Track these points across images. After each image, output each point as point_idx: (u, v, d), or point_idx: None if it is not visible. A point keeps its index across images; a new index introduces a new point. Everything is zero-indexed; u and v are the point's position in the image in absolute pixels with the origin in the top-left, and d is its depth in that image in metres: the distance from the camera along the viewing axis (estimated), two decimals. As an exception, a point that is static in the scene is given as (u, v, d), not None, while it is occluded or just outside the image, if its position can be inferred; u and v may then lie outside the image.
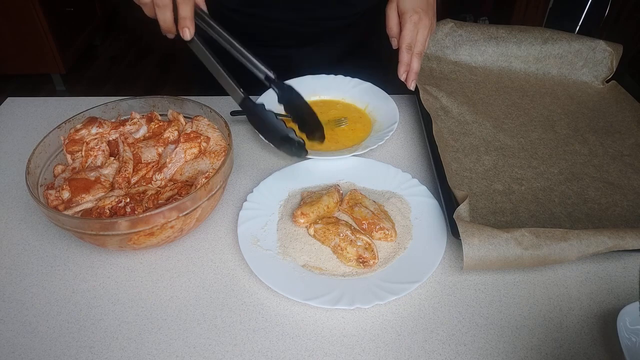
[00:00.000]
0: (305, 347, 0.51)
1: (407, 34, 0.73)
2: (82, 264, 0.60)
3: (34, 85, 2.59)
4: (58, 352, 0.51)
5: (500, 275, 0.58)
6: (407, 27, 0.72)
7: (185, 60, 0.92)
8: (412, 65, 0.74)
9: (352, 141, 0.78)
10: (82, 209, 0.57)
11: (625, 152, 0.76)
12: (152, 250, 0.62)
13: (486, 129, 0.80)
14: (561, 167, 0.73)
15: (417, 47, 0.74)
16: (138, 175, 0.63)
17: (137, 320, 0.54)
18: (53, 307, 0.55)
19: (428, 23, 0.73)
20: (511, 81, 0.91)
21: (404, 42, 0.73)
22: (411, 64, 0.74)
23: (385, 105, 0.83)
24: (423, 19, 0.73)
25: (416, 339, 0.52)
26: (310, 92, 0.87)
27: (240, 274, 0.59)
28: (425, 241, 0.61)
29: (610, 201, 0.67)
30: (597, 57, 0.89)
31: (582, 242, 0.55)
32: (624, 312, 0.49)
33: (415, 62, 0.74)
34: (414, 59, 0.74)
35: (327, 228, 0.61)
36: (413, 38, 0.73)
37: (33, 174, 0.60)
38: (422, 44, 0.74)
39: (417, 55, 0.74)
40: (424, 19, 0.73)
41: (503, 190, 0.68)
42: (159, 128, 0.70)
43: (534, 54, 0.91)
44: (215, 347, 0.51)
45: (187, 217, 0.57)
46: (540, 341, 0.52)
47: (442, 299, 0.56)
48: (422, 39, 0.73)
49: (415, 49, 0.74)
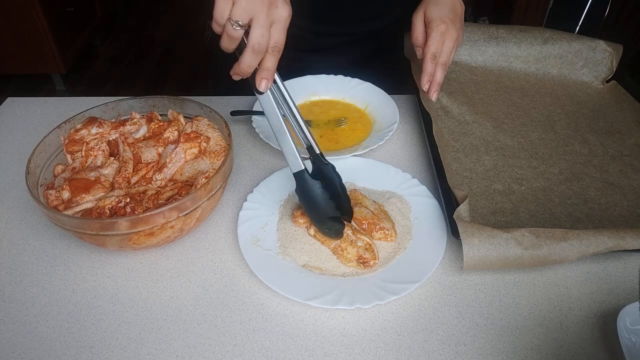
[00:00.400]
0: (305, 347, 0.51)
1: (432, 43, 0.72)
2: (82, 264, 0.60)
3: (34, 85, 2.59)
4: (58, 352, 0.51)
5: (500, 275, 0.58)
6: (433, 36, 0.72)
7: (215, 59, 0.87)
8: (435, 75, 0.73)
9: (352, 141, 0.78)
10: (82, 209, 0.57)
11: (625, 152, 0.76)
12: (152, 250, 0.62)
13: (486, 129, 0.80)
14: (561, 167, 0.73)
15: (442, 58, 0.72)
16: (138, 175, 0.63)
17: (137, 320, 0.54)
18: (53, 307, 0.55)
19: (455, 34, 0.73)
20: (511, 81, 0.91)
21: (429, 51, 0.72)
22: (435, 74, 0.73)
23: (385, 105, 0.83)
24: (450, 30, 0.72)
25: (416, 339, 0.52)
26: (310, 92, 0.87)
27: (240, 274, 0.59)
28: (425, 241, 0.61)
29: (610, 201, 0.67)
30: (597, 57, 0.89)
31: (582, 242, 0.55)
32: (624, 312, 0.49)
33: (439, 72, 0.73)
34: (438, 69, 0.73)
35: None
36: (438, 48, 0.72)
37: (33, 174, 0.60)
38: (447, 54, 0.73)
39: (441, 66, 0.73)
40: (451, 30, 0.72)
41: (503, 190, 0.68)
42: (159, 128, 0.70)
43: (534, 54, 0.91)
44: (215, 347, 0.51)
45: (187, 217, 0.57)
46: (540, 341, 0.52)
47: (442, 299, 0.56)
48: (447, 50, 0.72)
49: (440, 59, 0.72)
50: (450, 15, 0.72)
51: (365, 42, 0.92)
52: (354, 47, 0.92)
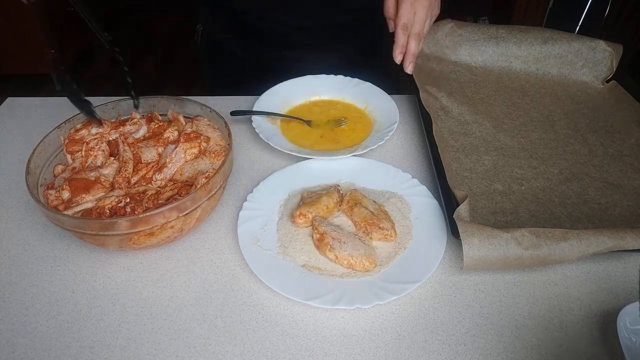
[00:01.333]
0: (305, 347, 0.51)
1: (403, 13, 0.69)
2: (82, 264, 0.60)
3: (34, 85, 2.58)
4: (58, 352, 0.51)
5: (500, 275, 0.58)
6: (403, 6, 0.69)
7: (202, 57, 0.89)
8: (409, 46, 0.70)
9: (352, 141, 0.78)
10: (82, 209, 0.57)
11: (625, 152, 0.76)
12: (152, 250, 0.62)
13: (486, 129, 0.80)
14: (561, 167, 0.73)
15: (414, 28, 0.70)
16: (138, 175, 0.63)
17: (137, 320, 0.54)
18: (53, 307, 0.55)
19: (427, 3, 0.69)
20: (511, 81, 0.91)
21: (399, 22, 0.69)
22: (408, 44, 0.70)
23: (385, 105, 0.83)
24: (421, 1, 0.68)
25: (416, 339, 0.52)
26: (310, 92, 0.87)
27: (240, 274, 0.59)
28: (425, 241, 0.61)
29: (610, 201, 0.67)
30: (597, 57, 0.89)
31: (582, 242, 0.55)
32: (624, 312, 0.49)
33: (413, 43, 0.70)
34: (410, 39, 0.70)
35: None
36: (410, 19, 0.69)
37: (33, 174, 0.60)
38: (419, 24, 0.70)
39: (414, 37, 0.70)
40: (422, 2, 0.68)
41: (503, 190, 0.68)
42: (159, 128, 0.70)
43: (534, 54, 0.91)
44: (215, 347, 0.51)
45: (187, 217, 0.57)
46: (540, 341, 0.52)
47: (442, 299, 0.56)
48: (420, 20, 0.69)
49: (413, 30, 0.70)
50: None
51: (357, 35, 0.91)
52: (346, 44, 0.91)
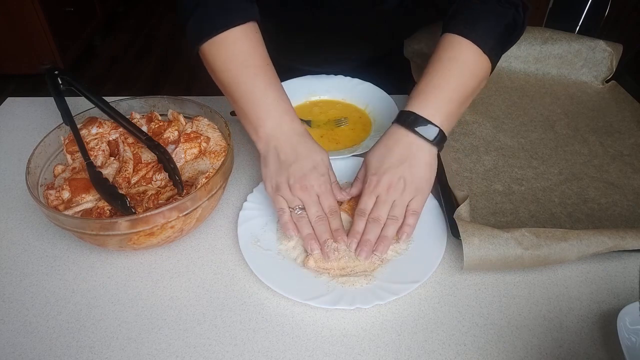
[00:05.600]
0: (305, 347, 0.51)
1: (362, 200, 0.58)
2: (82, 264, 0.60)
3: (34, 85, 2.58)
4: (58, 352, 0.51)
5: (500, 275, 0.58)
6: (364, 191, 0.58)
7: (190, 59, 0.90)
8: (365, 233, 0.57)
9: (352, 141, 0.78)
10: (82, 209, 0.57)
11: (625, 152, 0.76)
12: (152, 250, 0.62)
13: (486, 129, 0.80)
14: (561, 167, 0.73)
15: (373, 213, 0.57)
16: (138, 175, 0.63)
17: (137, 320, 0.54)
18: (53, 307, 0.55)
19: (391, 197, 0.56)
20: (511, 81, 0.91)
21: (358, 207, 0.59)
22: (365, 232, 0.57)
23: (385, 105, 0.83)
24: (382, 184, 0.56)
25: (416, 339, 0.52)
26: (310, 92, 0.87)
27: (240, 274, 0.59)
28: (425, 241, 0.60)
29: (610, 201, 0.67)
30: (596, 57, 0.89)
31: (582, 242, 0.55)
32: (624, 312, 0.49)
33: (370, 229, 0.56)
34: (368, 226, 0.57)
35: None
36: (368, 205, 0.58)
37: (33, 174, 0.60)
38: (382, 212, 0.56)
39: (372, 221, 0.56)
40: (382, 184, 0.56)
41: (503, 190, 0.68)
42: (159, 128, 0.69)
43: (534, 54, 0.91)
44: (215, 347, 0.51)
45: (187, 217, 0.57)
46: (540, 341, 0.52)
47: (442, 299, 0.56)
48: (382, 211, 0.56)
49: (372, 215, 0.57)
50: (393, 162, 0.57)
51: (363, 57, 0.92)
52: (351, 61, 0.93)
